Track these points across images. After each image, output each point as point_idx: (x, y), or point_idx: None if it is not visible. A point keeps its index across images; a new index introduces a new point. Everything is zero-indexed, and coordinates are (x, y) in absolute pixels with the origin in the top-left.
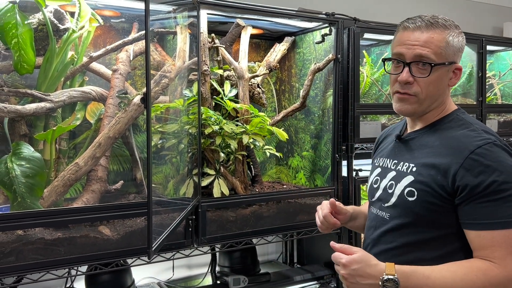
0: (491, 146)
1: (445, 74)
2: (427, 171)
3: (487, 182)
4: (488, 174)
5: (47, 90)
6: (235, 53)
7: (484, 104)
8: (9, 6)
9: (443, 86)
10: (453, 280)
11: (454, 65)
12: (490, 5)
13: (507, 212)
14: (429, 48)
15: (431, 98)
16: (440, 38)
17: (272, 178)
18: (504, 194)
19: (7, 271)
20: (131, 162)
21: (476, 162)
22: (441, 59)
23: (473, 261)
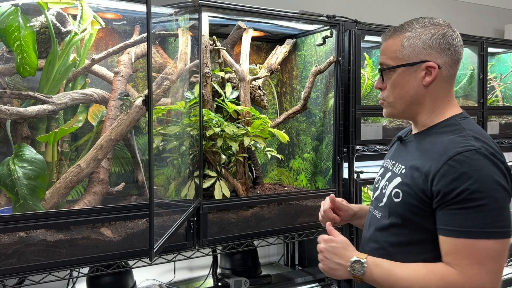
0: (473, 153)
1: (410, 75)
2: (412, 174)
3: (459, 189)
4: (461, 181)
5: (49, 92)
6: (236, 56)
7: (485, 106)
8: (11, 9)
9: (413, 86)
10: (414, 278)
11: (424, 64)
12: (492, 7)
13: (474, 222)
14: (385, 55)
15: (401, 99)
16: (395, 43)
17: (273, 180)
18: (475, 204)
19: (9, 272)
20: (133, 164)
21: (452, 169)
22: (398, 61)
23: (437, 265)
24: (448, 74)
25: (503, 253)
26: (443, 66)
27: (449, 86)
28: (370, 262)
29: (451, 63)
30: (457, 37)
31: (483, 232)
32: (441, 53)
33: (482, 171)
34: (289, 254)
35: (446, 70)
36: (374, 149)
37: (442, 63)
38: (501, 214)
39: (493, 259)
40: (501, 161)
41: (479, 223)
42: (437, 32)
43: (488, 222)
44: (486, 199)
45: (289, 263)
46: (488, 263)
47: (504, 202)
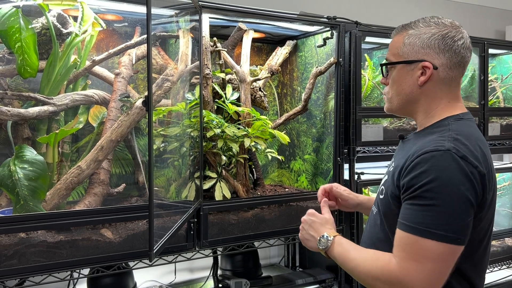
0: (441, 154)
1: (407, 73)
2: (393, 171)
3: (416, 185)
4: (420, 178)
5: (50, 93)
6: (237, 57)
7: (486, 107)
8: (12, 10)
9: (409, 85)
10: (360, 261)
11: (420, 63)
12: (493, 9)
13: (421, 220)
14: (389, 51)
15: (398, 96)
16: (398, 40)
17: (274, 181)
18: (426, 202)
19: (9, 273)
20: (133, 165)
21: (416, 165)
22: (398, 58)
23: (385, 254)
24: (446, 76)
25: (445, 258)
26: (440, 67)
27: (448, 88)
28: (336, 240)
29: (450, 65)
30: (461, 38)
31: (427, 231)
32: (439, 54)
33: (444, 172)
34: (289, 255)
35: (444, 71)
36: (374, 150)
37: (439, 64)
38: (451, 218)
39: (433, 260)
40: (473, 165)
41: (426, 222)
42: (438, 32)
43: (435, 223)
44: (439, 200)
45: (289, 265)
46: (427, 263)
47: (458, 208)
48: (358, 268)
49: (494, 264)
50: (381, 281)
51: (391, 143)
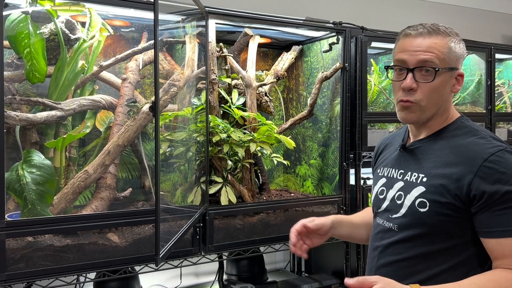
0: (503, 153)
1: (448, 80)
2: (439, 181)
3: (504, 189)
4: (504, 181)
5: (58, 98)
6: (243, 62)
7: (493, 112)
8: (22, 16)
9: (446, 92)
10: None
11: (457, 72)
12: (500, 14)
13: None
14: (432, 53)
15: (434, 105)
16: (442, 44)
17: (279, 186)
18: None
19: (17, 277)
20: (140, 169)
21: (491, 170)
22: (445, 64)
23: (497, 272)
24: None
25: None
26: None
27: None
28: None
29: None
30: None
31: None
32: (462, 62)
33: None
34: (295, 260)
35: None
36: None
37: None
38: None
39: None
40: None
41: None
42: (463, 43)
43: None
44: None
45: (295, 270)
46: None
47: None
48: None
49: None
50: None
51: None
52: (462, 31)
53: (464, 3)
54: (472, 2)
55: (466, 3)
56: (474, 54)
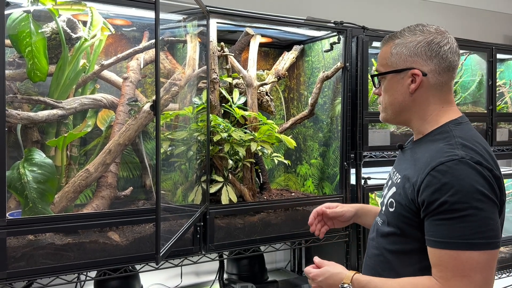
0: (456, 163)
1: (398, 82)
2: (404, 184)
3: (441, 200)
4: (442, 192)
5: (59, 97)
6: (244, 62)
7: (495, 112)
8: (23, 15)
9: (401, 93)
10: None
11: (409, 72)
12: (501, 13)
13: (457, 233)
14: (378, 63)
15: (391, 106)
16: (385, 50)
17: (280, 186)
18: (457, 214)
19: (18, 275)
20: (141, 168)
21: (434, 179)
22: (387, 68)
23: (422, 279)
24: (436, 81)
25: (489, 264)
26: (429, 73)
27: (440, 94)
28: (355, 284)
29: (439, 71)
30: (447, 44)
31: (466, 243)
32: (427, 60)
33: (465, 180)
34: (295, 260)
35: (434, 77)
36: (381, 155)
37: (428, 71)
38: (485, 225)
39: (478, 271)
40: (488, 168)
41: (462, 234)
42: (424, 39)
43: (472, 233)
44: (469, 210)
45: (295, 269)
46: (473, 275)
47: (488, 212)
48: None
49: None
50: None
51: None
52: (463, 31)
53: (466, 3)
54: (474, 2)
55: (467, 3)
56: (475, 54)
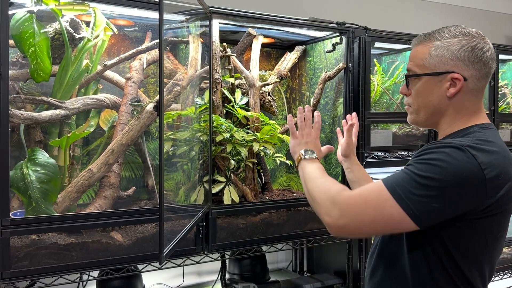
0: (444, 147)
1: (435, 84)
2: None
3: (418, 157)
4: (425, 156)
5: (62, 97)
6: (246, 62)
7: (497, 113)
8: (27, 15)
9: (436, 96)
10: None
11: (449, 75)
12: (503, 14)
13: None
14: (412, 62)
15: (425, 108)
16: (423, 51)
17: (282, 186)
18: (412, 169)
19: (21, 275)
20: (143, 169)
21: (425, 150)
22: (424, 70)
23: (338, 184)
24: (474, 87)
25: (391, 218)
26: (469, 78)
27: (475, 99)
28: (316, 161)
29: (479, 77)
30: (489, 49)
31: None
32: (469, 65)
33: (451, 161)
34: (297, 260)
35: (473, 83)
36: (383, 155)
37: (469, 76)
38: (426, 196)
39: (377, 209)
40: (482, 166)
41: (406, 187)
42: (467, 43)
43: (409, 189)
44: (428, 180)
45: (297, 270)
46: (370, 209)
47: (442, 193)
48: (318, 181)
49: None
50: (327, 195)
51: (400, 148)
52: None
53: (468, 4)
54: (476, 3)
55: (469, 4)
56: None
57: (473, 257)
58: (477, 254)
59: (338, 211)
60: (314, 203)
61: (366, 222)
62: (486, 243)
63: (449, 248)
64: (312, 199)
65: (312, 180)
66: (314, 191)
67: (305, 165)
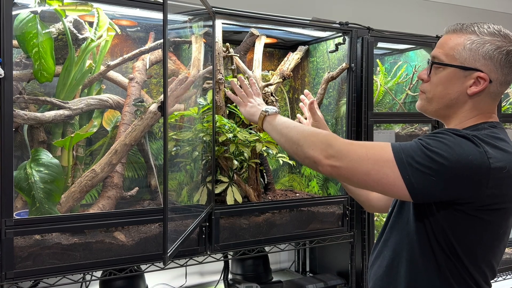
0: (460, 136)
1: (459, 77)
2: None
3: (427, 135)
4: (432, 133)
5: (65, 98)
6: (249, 62)
7: (500, 113)
8: (30, 16)
9: (456, 91)
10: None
11: (476, 73)
12: (506, 14)
13: (406, 145)
14: (441, 49)
15: (439, 99)
16: (457, 41)
17: (284, 186)
18: (421, 141)
19: (24, 275)
20: (146, 169)
21: (435, 131)
22: (452, 61)
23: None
24: (495, 91)
25: (383, 176)
26: (494, 81)
27: (492, 102)
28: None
29: (503, 82)
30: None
31: (399, 153)
32: (499, 69)
33: (461, 145)
34: (300, 260)
35: (496, 86)
36: None
37: (494, 79)
38: (425, 164)
39: (375, 164)
40: (488, 156)
41: (408, 151)
42: (505, 46)
43: (411, 155)
44: (433, 152)
45: (300, 270)
46: (369, 161)
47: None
48: (299, 126)
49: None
50: (319, 138)
51: None
52: None
53: (469, 4)
54: (478, 2)
55: (470, 4)
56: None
57: (475, 252)
58: (480, 249)
59: (334, 152)
60: (299, 147)
61: (360, 172)
62: (488, 239)
63: (453, 243)
64: (297, 144)
65: (290, 127)
66: (298, 137)
67: (273, 119)
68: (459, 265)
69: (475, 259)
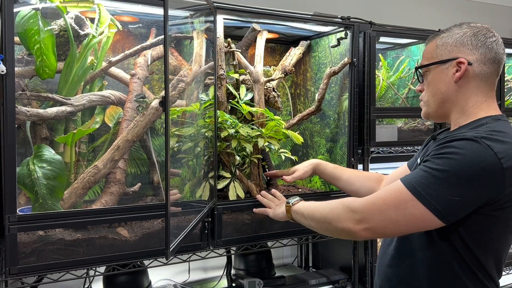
0: (461, 141)
1: (442, 72)
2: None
3: (435, 153)
4: (441, 151)
5: (67, 94)
6: (250, 58)
7: (503, 108)
8: (32, 12)
9: (445, 83)
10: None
11: (455, 61)
12: (508, 8)
13: (416, 177)
14: (422, 59)
15: (433, 98)
16: (431, 46)
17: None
18: (429, 165)
19: (28, 270)
20: (149, 165)
21: (441, 145)
22: (431, 60)
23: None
24: (481, 71)
25: (411, 217)
26: (474, 62)
27: (484, 85)
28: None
29: (484, 61)
30: (493, 36)
31: (419, 192)
32: (472, 49)
33: (467, 154)
34: (303, 255)
35: (479, 67)
36: (389, 151)
37: (473, 60)
38: (445, 189)
39: (398, 210)
40: (498, 156)
41: (423, 183)
42: (470, 31)
43: (427, 185)
44: (446, 172)
45: (302, 265)
46: (391, 210)
47: (460, 185)
48: (320, 206)
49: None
50: (340, 209)
51: (405, 143)
52: None
53: None
54: None
55: None
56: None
57: (490, 248)
58: (493, 245)
59: (359, 215)
60: (329, 224)
61: (388, 223)
62: (503, 235)
63: (467, 241)
64: (325, 221)
65: (315, 210)
66: (323, 214)
67: (298, 208)
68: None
69: (491, 254)
